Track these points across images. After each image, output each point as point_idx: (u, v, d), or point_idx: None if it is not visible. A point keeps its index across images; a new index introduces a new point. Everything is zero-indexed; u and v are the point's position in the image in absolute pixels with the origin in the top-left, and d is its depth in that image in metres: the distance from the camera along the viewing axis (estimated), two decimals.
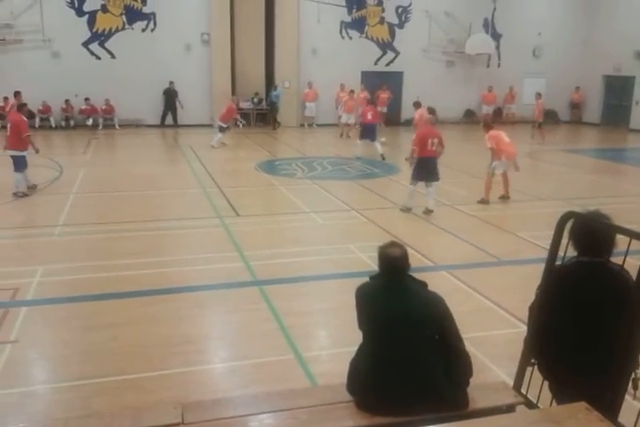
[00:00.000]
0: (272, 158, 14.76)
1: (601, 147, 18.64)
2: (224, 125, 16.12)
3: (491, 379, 4.02)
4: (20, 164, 10.00)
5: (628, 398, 2.97)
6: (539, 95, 18.45)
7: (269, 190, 11.41)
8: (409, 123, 18.35)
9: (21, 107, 10.64)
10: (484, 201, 10.02)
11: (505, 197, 10.34)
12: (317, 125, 20.94)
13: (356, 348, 3.28)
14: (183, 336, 5.13)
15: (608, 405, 2.92)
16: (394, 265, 3.14)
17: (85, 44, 19.22)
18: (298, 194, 10.68)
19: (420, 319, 3.05)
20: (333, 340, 5.28)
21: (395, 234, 8.04)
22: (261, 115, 21.34)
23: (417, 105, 14.44)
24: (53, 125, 18.78)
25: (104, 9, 19.21)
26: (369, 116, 14.58)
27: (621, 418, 2.97)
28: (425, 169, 9.29)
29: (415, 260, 3.30)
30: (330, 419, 3.04)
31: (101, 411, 3.71)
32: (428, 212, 9.31)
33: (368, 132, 14.56)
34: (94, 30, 19.26)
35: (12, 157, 10.03)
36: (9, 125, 10.13)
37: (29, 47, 18.65)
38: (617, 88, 22.40)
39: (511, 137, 10.17)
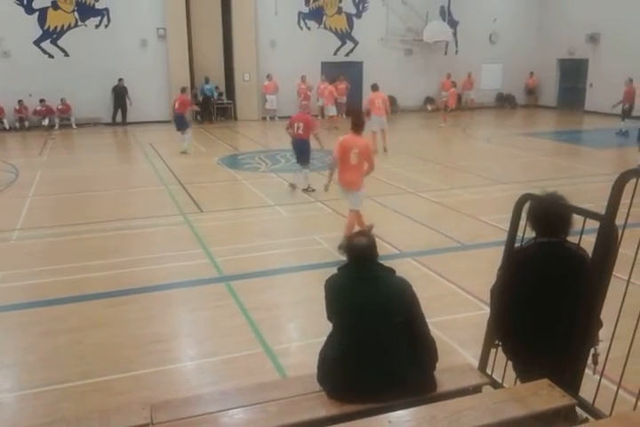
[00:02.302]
0: (234, 153, 14.63)
1: (558, 129, 19.00)
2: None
3: (457, 362, 4.07)
4: None
5: (588, 372, 3.05)
6: (453, 84, 18.94)
7: (232, 185, 11.32)
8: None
9: None
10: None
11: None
12: (279, 118, 20.80)
13: (325, 338, 3.27)
14: (151, 336, 5.06)
15: (570, 380, 2.99)
16: (362, 254, 3.12)
17: (37, 43, 18.68)
18: (262, 187, 10.62)
19: (391, 307, 3.04)
20: (302, 332, 5.28)
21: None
22: (222, 109, 21.15)
23: (374, 88, 14.22)
24: (7, 127, 18.25)
25: (55, 6, 18.68)
26: (176, 106, 14.37)
27: (582, 393, 3.05)
28: (295, 150, 10.43)
29: (381, 248, 3.29)
30: (300, 410, 3.02)
31: (67, 416, 3.63)
32: (308, 189, 10.14)
33: (176, 122, 14.52)
34: (45, 28, 18.71)
35: None
36: None
37: None
38: (571, 71, 22.83)
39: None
